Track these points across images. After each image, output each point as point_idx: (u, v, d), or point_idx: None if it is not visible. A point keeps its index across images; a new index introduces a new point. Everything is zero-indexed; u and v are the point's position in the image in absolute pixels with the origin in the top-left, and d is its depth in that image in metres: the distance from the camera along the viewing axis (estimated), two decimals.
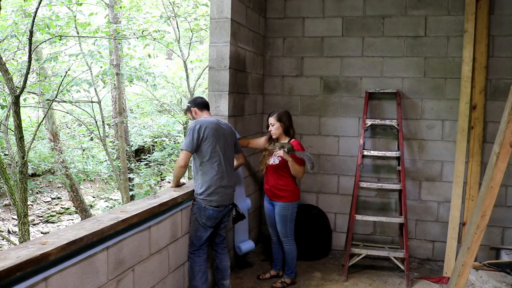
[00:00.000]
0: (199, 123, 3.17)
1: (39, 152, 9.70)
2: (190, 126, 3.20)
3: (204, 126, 3.17)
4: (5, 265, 1.68)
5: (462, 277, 2.96)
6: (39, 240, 2.02)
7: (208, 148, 3.16)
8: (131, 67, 8.54)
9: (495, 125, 4.23)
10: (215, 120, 3.29)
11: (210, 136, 3.17)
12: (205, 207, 3.18)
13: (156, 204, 2.76)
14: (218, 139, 3.22)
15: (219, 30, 3.85)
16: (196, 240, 3.23)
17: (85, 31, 7.88)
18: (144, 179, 9.68)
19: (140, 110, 12.65)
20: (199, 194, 3.19)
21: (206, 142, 3.16)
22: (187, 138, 3.15)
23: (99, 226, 2.23)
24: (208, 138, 3.16)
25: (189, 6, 8.95)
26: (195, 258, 3.23)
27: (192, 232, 3.24)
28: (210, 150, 3.17)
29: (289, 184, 3.75)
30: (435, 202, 4.53)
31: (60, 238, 2.03)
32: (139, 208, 2.65)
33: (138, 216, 2.54)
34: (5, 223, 8.93)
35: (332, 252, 4.78)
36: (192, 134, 3.14)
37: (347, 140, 4.71)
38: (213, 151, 3.18)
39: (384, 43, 4.54)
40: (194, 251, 3.24)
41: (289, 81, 4.84)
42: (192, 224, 3.24)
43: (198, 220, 3.20)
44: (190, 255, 3.24)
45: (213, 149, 3.18)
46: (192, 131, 3.15)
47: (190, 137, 3.14)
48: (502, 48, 4.24)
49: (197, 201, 3.21)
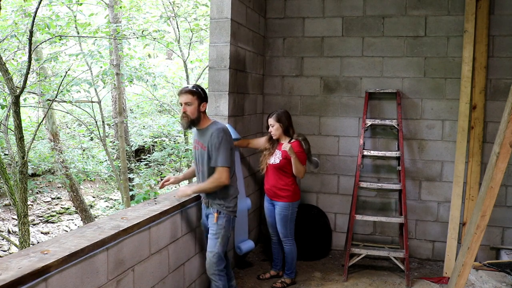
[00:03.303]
0: (227, 132, 2.95)
1: (39, 152, 9.71)
2: (219, 135, 2.89)
3: (230, 135, 2.99)
4: (7, 277, 1.70)
5: (462, 277, 2.96)
6: (40, 247, 2.04)
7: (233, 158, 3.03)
8: (131, 67, 8.55)
9: (495, 125, 4.23)
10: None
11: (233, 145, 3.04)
12: (232, 218, 3.08)
13: (157, 212, 2.78)
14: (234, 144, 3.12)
15: (219, 30, 3.85)
16: (224, 255, 3.06)
17: (85, 31, 7.89)
18: (144, 179, 9.69)
19: (140, 110, 12.66)
20: (230, 207, 3.03)
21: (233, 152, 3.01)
22: (225, 152, 2.88)
23: (100, 235, 2.26)
24: (233, 147, 3.02)
25: (189, 6, 8.96)
26: (223, 275, 3.06)
27: (221, 248, 3.01)
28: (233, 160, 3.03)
29: (289, 184, 3.75)
30: (435, 202, 4.53)
31: (61, 247, 2.06)
32: (140, 215, 2.67)
33: (139, 225, 2.56)
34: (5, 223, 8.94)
35: (332, 252, 4.79)
36: (228, 146, 2.91)
37: (347, 140, 4.71)
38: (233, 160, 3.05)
39: (384, 43, 4.54)
40: (223, 268, 3.06)
41: (289, 81, 4.84)
42: (221, 239, 3.01)
43: (227, 233, 3.03)
44: (220, 273, 3.03)
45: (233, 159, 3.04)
46: (227, 143, 2.91)
47: (228, 151, 2.91)
48: (502, 48, 4.24)
49: (225, 213, 3.02)
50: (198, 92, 2.91)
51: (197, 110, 2.90)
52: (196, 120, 2.92)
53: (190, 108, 2.89)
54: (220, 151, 2.87)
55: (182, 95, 2.91)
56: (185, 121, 2.92)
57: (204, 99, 2.95)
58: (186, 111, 2.88)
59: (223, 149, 2.87)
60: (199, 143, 3.01)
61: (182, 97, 2.90)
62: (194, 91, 2.90)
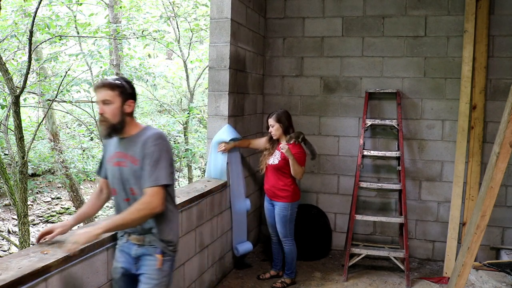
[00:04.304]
0: (166, 139, 2.12)
1: (39, 152, 9.70)
2: (157, 142, 2.05)
3: (169, 144, 2.15)
4: (7, 277, 1.71)
5: (462, 277, 2.96)
6: (40, 247, 2.04)
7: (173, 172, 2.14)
8: (131, 67, 8.54)
9: (495, 125, 4.23)
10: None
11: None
12: (175, 259, 2.24)
13: None
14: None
15: (219, 30, 3.85)
16: None
17: (85, 31, 7.88)
18: None
19: (140, 110, 12.64)
20: (173, 243, 2.18)
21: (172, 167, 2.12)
22: (165, 167, 2.03)
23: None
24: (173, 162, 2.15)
25: (189, 6, 8.95)
26: None
27: None
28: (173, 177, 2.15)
29: (289, 185, 3.75)
30: (435, 202, 4.53)
31: (61, 247, 2.05)
32: None
33: None
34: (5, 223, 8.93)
35: (332, 252, 4.78)
36: (169, 158, 2.08)
37: (347, 140, 4.71)
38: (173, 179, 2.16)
39: (384, 43, 4.54)
40: None
41: (289, 81, 4.84)
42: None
43: (171, 282, 2.22)
44: None
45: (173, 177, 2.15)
46: (168, 154, 2.07)
47: (169, 166, 2.06)
48: (502, 48, 4.24)
49: (171, 255, 2.18)
50: (121, 86, 2.08)
51: (119, 111, 2.07)
52: (118, 125, 2.08)
53: (110, 109, 2.05)
54: (159, 164, 2.01)
55: (98, 91, 2.07)
56: (103, 127, 2.07)
57: (130, 96, 2.11)
58: (103, 112, 2.05)
59: (163, 162, 2.03)
60: (125, 157, 2.10)
61: (98, 94, 2.07)
62: (115, 84, 2.07)
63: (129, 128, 2.12)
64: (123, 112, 2.08)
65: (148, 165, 2.01)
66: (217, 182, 3.78)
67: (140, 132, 2.11)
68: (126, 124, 2.10)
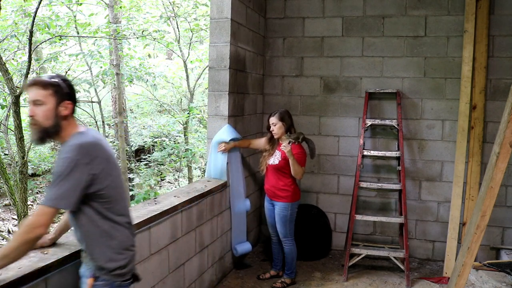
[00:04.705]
0: (83, 150, 1.74)
1: (39, 152, 9.70)
2: (65, 156, 1.73)
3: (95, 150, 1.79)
4: (7, 277, 1.71)
5: (462, 277, 2.96)
6: (40, 247, 2.04)
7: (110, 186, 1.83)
8: (131, 67, 8.54)
9: (495, 125, 4.23)
10: (99, 136, 1.91)
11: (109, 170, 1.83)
12: (120, 285, 1.90)
13: (157, 212, 2.78)
14: (117, 169, 1.92)
15: (219, 30, 3.85)
16: None
17: (85, 31, 7.88)
18: (144, 179, 9.68)
19: (140, 110, 12.65)
20: (115, 268, 1.86)
21: (105, 183, 1.80)
22: (62, 182, 1.70)
23: None
24: (107, 175, 1.81)
25: (189, 6, 8.95)
26: None
27: None
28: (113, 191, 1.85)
29: (289, 185, 3.75)
30: (435, 202, 4.53)
31: (61, 247, 2.06)
32: (140, 215, 2.66)
33: (139, 225, 2.56)
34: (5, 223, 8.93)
35: (332, 252, 4.78)
36: (76, 175, 1.72)
37: (347, 140, 4.71)
38: (116, 189, 1.87)
39: (384, 43, 4.54)
40: None
41: (289, 81, 4.84)
42: None
43: None
44: None
45: (115, 186, 1.86)
46: (73, 168, 1.71)
47: (70, 181, 1.71)
48: (502, 48, 4.24)
49: (105, 279, 1.86)
50: (55, 85, 1.80)
51: (53, 113, 1.78)
52: (52, 129, 1.80)
53: (41, 110, 1.77)
54: (55, 182, 1.71)
55: (29, 90, 1.80)
56: (34, 131, 1.80)
57: (67, 96, 1.82)
58: (34, 115, 1.78)
59: (61, 180, 1.70)
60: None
61: (29, 93, 1.80)
62: (48, 83, 1.79)
63: (66, 134, 1.83)
64: (58, 115, 1.79)
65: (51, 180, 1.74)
66: (217, 182, 3.78)
67: (68, 140, 1.81)
68: (62, 128, 1.81)
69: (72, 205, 1.73)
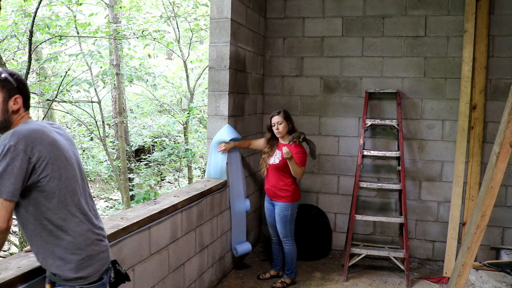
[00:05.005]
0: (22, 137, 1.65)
1: None
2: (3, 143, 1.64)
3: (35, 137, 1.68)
4: (6, 276, 1.71)
5: (462, 277, 2.96)
6: None
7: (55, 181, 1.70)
8: (131, 67, 8.55)
9: (495, 125, 4.23)
10: (45, 124, 1.83)
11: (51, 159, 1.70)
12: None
13: (157, 212, 2.78)
14: (67, 159, 1.77)
15: (219, 30, 3.85)
16: None
17: (85, 31, 7.88)
18: (144, 179, 9.69)
19: (140, 110, 12.65)
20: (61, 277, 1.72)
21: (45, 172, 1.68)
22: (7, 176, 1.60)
23: None
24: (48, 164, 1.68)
25: (189, 6, 8.95)
26: None
27: None
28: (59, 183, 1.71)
29: (289, 185, 3.75)
30: (435, 202, 4.53)
31: None
32: (139, 215, 2.66)
33: (138, 224, 2.56)
34: None
35: (332, 252, 4.78)
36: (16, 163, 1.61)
37: (347, 140, 4.71)
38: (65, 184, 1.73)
39: (384, 43, 4.54)
40: None
41: (289, 81, 4.84)
42: None
43: None
44: None
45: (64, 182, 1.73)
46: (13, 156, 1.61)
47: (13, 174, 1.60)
48: (502, 48, 4.24)
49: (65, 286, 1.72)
50: (3, 80, 1.74)
51: (1, 108, 1.73)
52: (1, 125, 1.75)
53: None
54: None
55: None
56: None
57: (16, 91, 1.76)
58: None
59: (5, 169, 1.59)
60: None
61: None
62: None
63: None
64: (7, 110, 1.74)
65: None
66: (217, 182, 3.78)
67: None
68: (12, 123, 1.75)
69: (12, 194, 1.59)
